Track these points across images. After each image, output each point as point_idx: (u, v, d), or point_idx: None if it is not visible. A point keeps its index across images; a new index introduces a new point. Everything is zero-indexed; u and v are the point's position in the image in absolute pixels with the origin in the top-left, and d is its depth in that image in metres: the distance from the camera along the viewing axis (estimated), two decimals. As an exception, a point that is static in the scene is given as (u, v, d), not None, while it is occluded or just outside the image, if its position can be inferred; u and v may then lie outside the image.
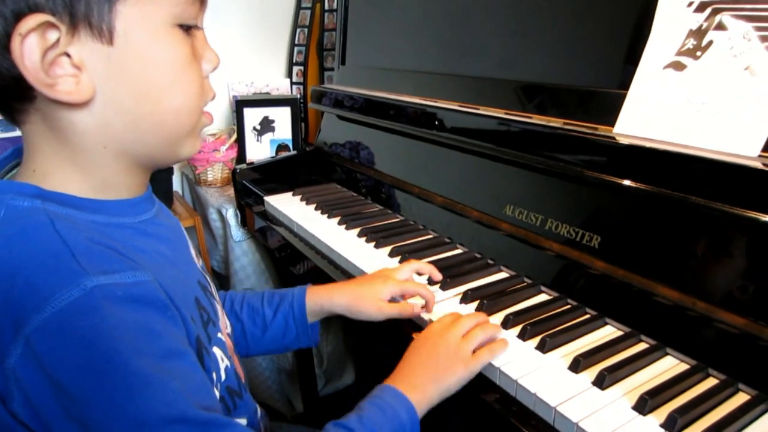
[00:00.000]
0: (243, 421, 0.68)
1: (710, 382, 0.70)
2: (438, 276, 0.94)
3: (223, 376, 0.63)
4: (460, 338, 0.75)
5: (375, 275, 0.92)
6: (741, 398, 0.67)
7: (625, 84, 0.88)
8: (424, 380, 0.71)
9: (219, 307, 0.71)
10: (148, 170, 0.62)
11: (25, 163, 0.56)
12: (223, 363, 0.64)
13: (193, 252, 0.71)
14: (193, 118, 0.60)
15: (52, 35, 0.49)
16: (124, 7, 0.51)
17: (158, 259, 0.58)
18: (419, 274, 0.95)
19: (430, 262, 0.99)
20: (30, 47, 0.48)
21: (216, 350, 0.63)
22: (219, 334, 0.65)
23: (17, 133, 1.60)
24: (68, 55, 0.50)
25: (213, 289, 0.72)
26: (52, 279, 0.47)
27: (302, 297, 0.88)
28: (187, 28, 0.57)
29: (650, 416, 0.64)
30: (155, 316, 0.51)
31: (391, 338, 0.79)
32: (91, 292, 0.47)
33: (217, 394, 0.62)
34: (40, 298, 0.46)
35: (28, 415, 0.48)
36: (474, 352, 0.74)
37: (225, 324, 0.72)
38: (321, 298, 0.88)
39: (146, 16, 0.52)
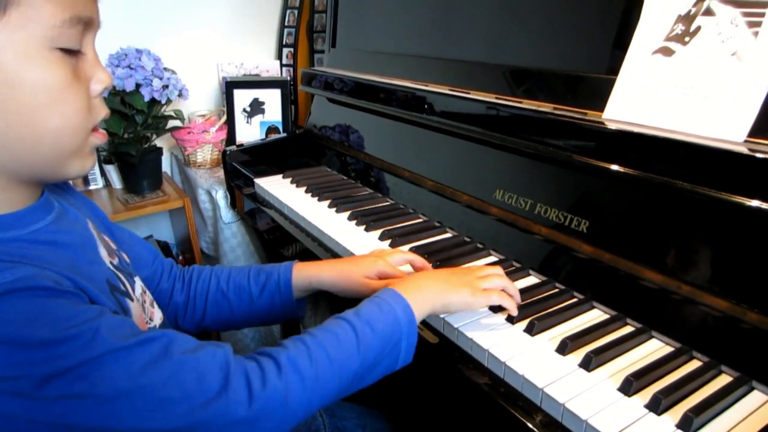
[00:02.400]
0: None
1: (694, 364, 0.71)
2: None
3: None
4: (477, 275, 0.80)
5: (366, 255, 0.93)
6: (724, 380, 0.69)
7: (615, 69, 0.89)
8: (429, 287, 0.76)
9: (134, 305, 0.69)
10: (37, 185, 0.62)
11: None
12: None
13: (103, 252, 0.69)
14: (77, 139, 0.58)
15: None
16: None
17: (50, 266, 0.57)
18: (413, 267, 0.95)
19: (419, 246, 1.00)
20: None
21: None
22: None
23: None
24: None
25: (128, 287, 0.70)
26: None
27: (288, 274, 0.89)
28: (72, 52, 0.55)
29: (635, 397, 0.65)
30: (45, 298, 0.51)
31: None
32: None
33: None
34: None
35: None
36: None
37: (146, 318, 0.72)
38: (309, 275, 0.89)
39: (16, 41, 0.51)
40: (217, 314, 0.89)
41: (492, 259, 1.00)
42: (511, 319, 0.80)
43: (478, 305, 0.78)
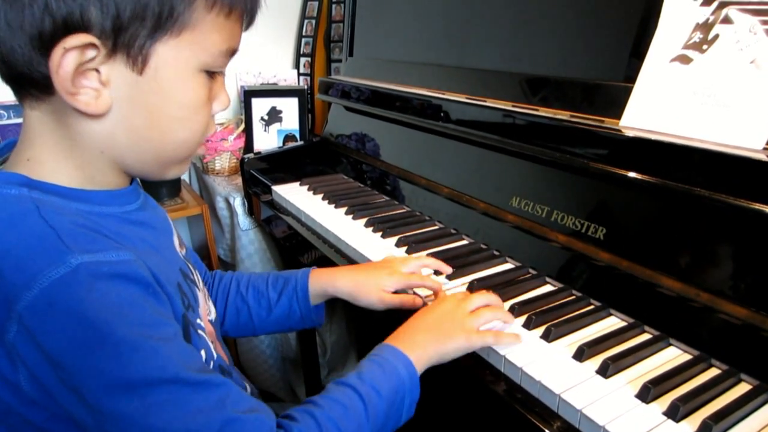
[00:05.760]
0: None
1: (712, 372, 0.71)
2: (447, 269, 0.94)
3: (204, 356, 0.65)
4: (469, 312, 0.77)
5: (381, 264, 0.93)
6: (743, 388, 0.68)
7: (632, 77, 0.89)
8: (424, 340, 0.73)
9: (200, 294, 0.72)
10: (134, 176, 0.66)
11: (20, 152, 0.58)
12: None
13: (176, 242, 0.73)
14: (191, 150, 0.63)
15: (91, 53, 0.52)
16: (163, 47, 0.55)
17: (141, 244, 0.60)
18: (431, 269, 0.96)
19: (436, 253, 1.00)
20: (68, 60, 0.51)
21: (199, 332, 0.66)
22: (198, 320, 0.67)
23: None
24: (98, 71, 0.53)
25: (195, 276, 0.74)
26: (40, 259, 0.49)
27: (305, 280, 0.90)
28: (212, 73, 0.61)
29: (653, 404, 0.65)
30: (139, 291, 0.53)
31: (396, 327, 0.80)
32: (76, 269, 0.49)
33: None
34: (29, 276, 0.48)
35: (35, 388, 0.52)
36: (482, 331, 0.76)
37: (207, 310, 0.74)
38: (324, 283, 0.90)
39: (179, 60, 0.56)
40: (236, 319, 0.90)
41: (508, 266, 1.00)
42: (527, 325, 0.80)
43: (473, 349, 0.76)
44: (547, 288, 0.92)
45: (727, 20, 0.78)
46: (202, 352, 0.63)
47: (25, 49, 0.51)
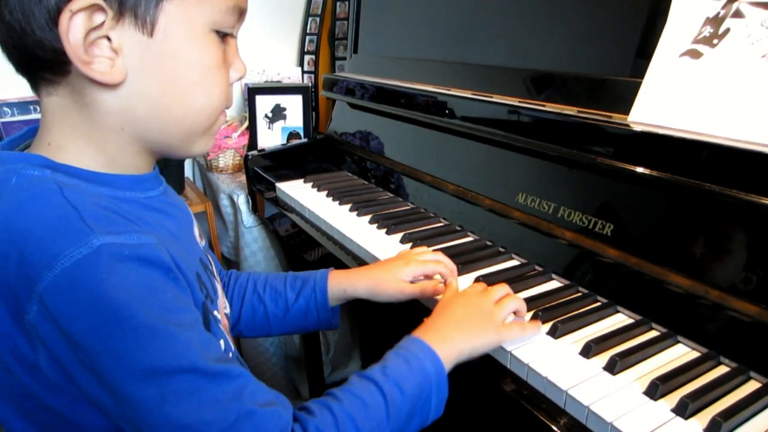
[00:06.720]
0: None
1: (721, 370, 0.70)
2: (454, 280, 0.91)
3: (223, 347, 0.64)
4: (494, 303, 0.76)
5: (396, 257, 0.92)
6: (752, 386, 0.67)
7: (640, 72, 0.88)
8: (455, 334, 0.71)
9: (219, 287, 0.72)
10: (159, 156, 0.65)
11: (41, 137, 0.59)
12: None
13: (196, 232, 0.73)
14: (211, 119, 0.62)
15: (99, 18, 0.52)
16: (170, 5, 0.54)
17: (162, 231, 0.60)
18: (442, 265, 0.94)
19: (440, 249, 0.99)
20: (76, 25, 0.51)
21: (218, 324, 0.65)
22: (216, 312, 0.67)
23: (31, 116, 1.59)
24: (108, 39, 0.53)
25: (214, 268, 0.74)
26: (62, 238, 0.49)
27: (324, 281, 0.89)
28: (223, 35, 0.60)
29: (661, 401, 0.64)
30: (160, 276, 0.53)
31: (399, 326, 0.79)
32: (98, 250, 0.49)
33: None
34: (51, 256, 0.48)
35: (54, 368, 0.52)
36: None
37: (223, 304, 0.74)
38: (343, 284, 0.89)
39: (188, 17, 0.56)
40: (251, 318, 0.89)
41: (514, 262, 0.99)
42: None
43: (503, 343, 0.75)
44: (554, 284, 0.92)
45: (738, 14, 0.77)
46: (221, 342, 0.62)
47: (36, 29, 0.52)
